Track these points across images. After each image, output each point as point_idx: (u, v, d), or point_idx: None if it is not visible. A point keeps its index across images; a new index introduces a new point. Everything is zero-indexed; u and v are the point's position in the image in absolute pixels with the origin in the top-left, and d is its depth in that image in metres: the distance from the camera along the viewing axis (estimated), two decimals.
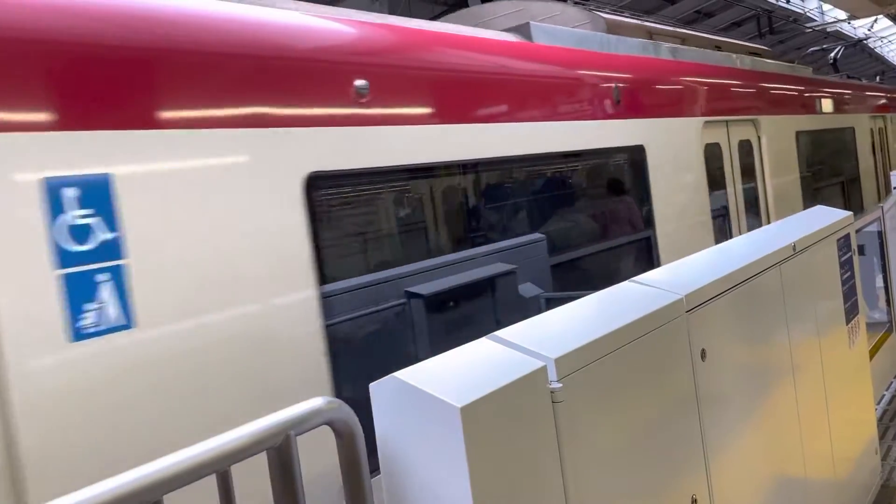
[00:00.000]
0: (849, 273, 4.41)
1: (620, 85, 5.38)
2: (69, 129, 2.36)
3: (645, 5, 23.24)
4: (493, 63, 4.40)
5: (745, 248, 3.55)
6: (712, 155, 6.56)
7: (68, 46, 2.41)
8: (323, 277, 3.03)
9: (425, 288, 3.64)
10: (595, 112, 5.10)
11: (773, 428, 3.26)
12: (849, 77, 16.83)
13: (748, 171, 7.28)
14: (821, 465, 3.72)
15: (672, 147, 5.91)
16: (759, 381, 3.17)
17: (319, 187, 3.09)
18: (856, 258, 4.56)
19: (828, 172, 9.76)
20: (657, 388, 2.45)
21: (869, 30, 30.27)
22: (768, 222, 7.30)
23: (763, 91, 7.97)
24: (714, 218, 6.45)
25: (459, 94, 3.97)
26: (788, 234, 3.76)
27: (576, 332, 2.18)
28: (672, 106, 6.07)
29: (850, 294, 4.39)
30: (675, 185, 5.93)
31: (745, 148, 7.27)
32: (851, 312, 4.38)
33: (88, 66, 2.44)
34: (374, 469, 1.78)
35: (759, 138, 7.48)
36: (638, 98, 5.62)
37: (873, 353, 5.82)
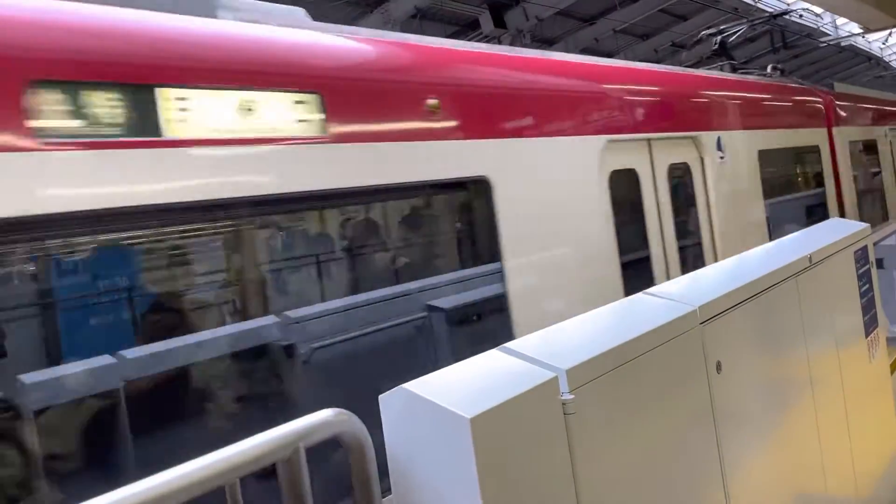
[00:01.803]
0: (867, 285, 4.36)
1: None
2: None
3: (656, 22, 23.30)
4: None
5: (761, 259, 3.52)
6: None
7: None
8: None
9: None
10: None
11: (793, 442, 3.20)
12: (734, 70, 9.51)
13: None
14: (842, 482, 3.65)
15: None
16: (776, 394, 3.12)
17: None
18: (874, 270, 4.50)
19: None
20: (672, 401, 2.42)
21: (884, 44, 30.14)
22: None
23: None
24: None
25: None
26: (804, 246, 3.72)
27: (588, 344, 2.16)
28: None
29: (868, 306, 4.32)
30: None
31: None
32: (870, 325, 4.31)
33: None
34: (386, 490, 1.77)
35: None
36: None
37: (894, 367, 5.73)
